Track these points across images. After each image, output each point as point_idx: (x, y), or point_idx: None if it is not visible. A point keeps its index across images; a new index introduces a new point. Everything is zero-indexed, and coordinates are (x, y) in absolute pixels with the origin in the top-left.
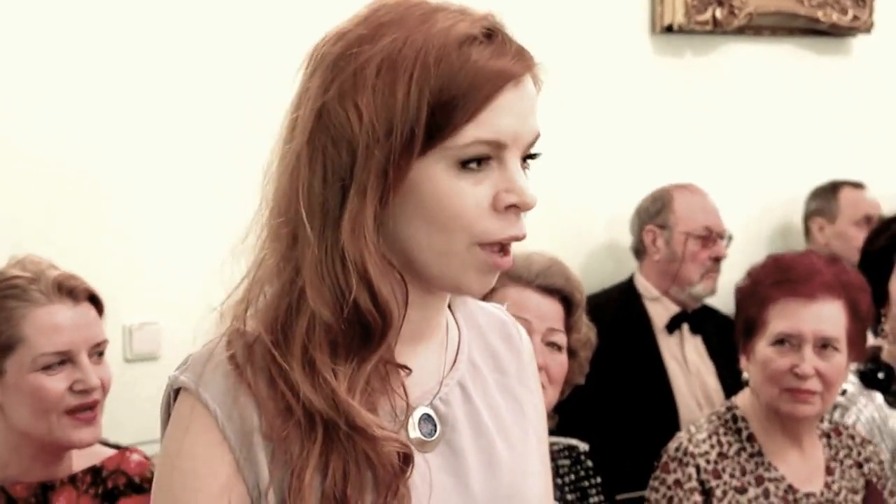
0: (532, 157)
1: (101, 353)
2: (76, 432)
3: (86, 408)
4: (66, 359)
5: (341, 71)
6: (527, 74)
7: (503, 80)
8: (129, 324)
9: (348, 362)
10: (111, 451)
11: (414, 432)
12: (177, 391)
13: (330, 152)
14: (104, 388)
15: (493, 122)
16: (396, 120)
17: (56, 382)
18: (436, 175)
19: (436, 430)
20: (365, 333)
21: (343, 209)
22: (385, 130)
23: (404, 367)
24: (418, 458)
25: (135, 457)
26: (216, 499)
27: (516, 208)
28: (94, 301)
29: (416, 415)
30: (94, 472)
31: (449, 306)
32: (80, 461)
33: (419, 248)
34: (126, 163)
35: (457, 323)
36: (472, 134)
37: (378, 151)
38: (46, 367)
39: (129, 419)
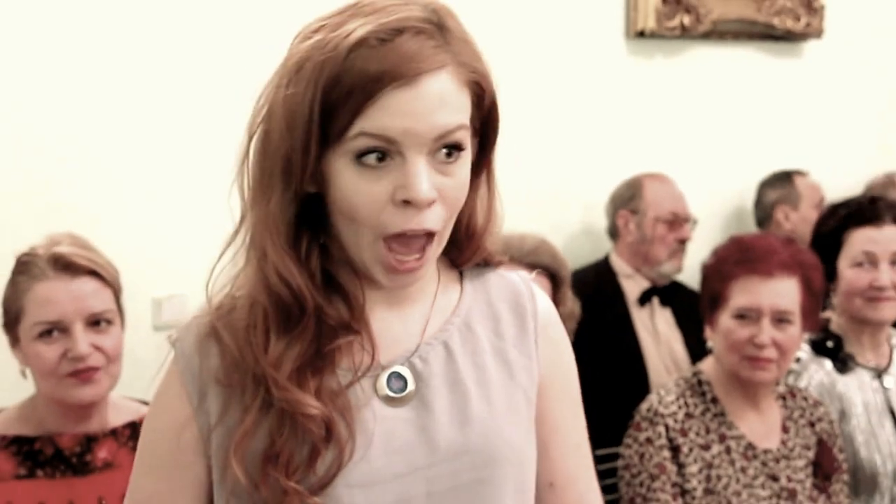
0: (455, 147)
1: (108, 321)
2: (76, 391)
3: (82, 372)
4: (59, 328)
5: (273, 82)
6: (423, 75)
7: (385, 82)
8: (159, 296)
9: (279, 341)
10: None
11: (382, 390)
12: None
13: (262, 155)
14: (107, 355)
15: (378, 119)
16: (297, 117)
17: (50, 351)
18: (340, 169)
19: (405, 388)
20: (285, 317)
21: (268, 207)
22: (288, 126)
23: (354, 330)
24: (380, 416)
25: None
26: (170, 437)
27: (411, 203)
28: (96, 273)
29: (385, 374)
30: (133, 426)
31: (461, 273)
32: (118, 417)
33: (343, 236)
34: (156, 151)
35: (463, 286)
36: (359, 127)
37: (282, 149)
38: (42, 336)
39: (158, 380)
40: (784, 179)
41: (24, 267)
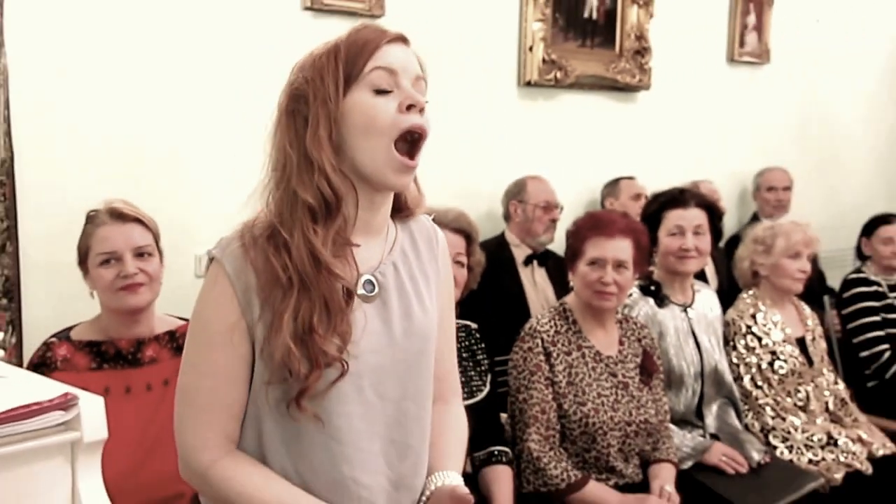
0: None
1: (149, 254)
2: (127, 299)
3: (131, 286)
4: (114, 258)
5: (295, 70)
6: (401, 41)
7: (382, 39)
8: (199, 253)
9: (321, 227)
10: (182, 322)
11: (360, 290)
12: (210, 261)
13: (296, 108)
14: (149, 275)
15: (384, 58)
16: (325, 73)
17: (109, 273)
18: (360, 99)
19: (374, 290)
20: (328, 208)
21: (305, 133)
22: (321, 80)
23: (355, 244)
24: (360, 308)
25: None
26: (227, 329)
27: (414, 107)
28: (140, 221)
29: (362, 279)
30: (171, 333)
31: (395, 221)
32: (161, 326)
33: (358, 152)
34: (197, 136)
35: (397, 229)
36: (371, 65)
37: (319, 94)
38: (103, 264)
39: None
40: (613, 182)
41: (91, 219)
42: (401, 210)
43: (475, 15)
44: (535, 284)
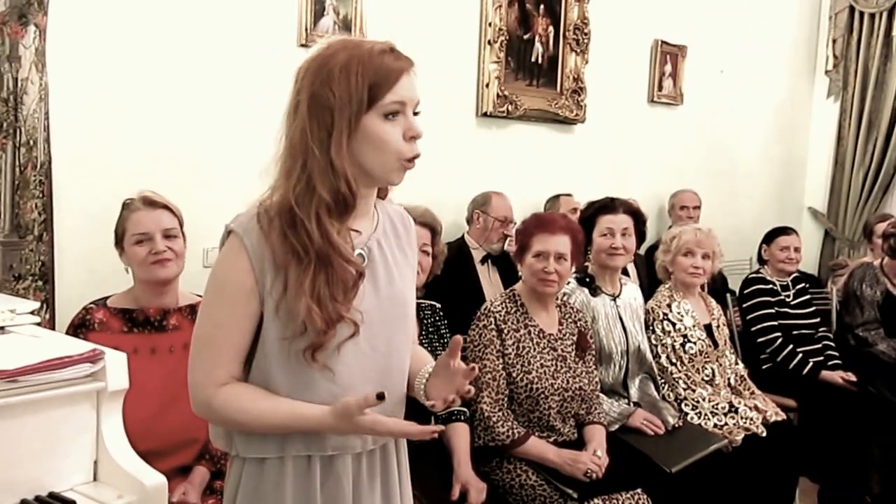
0: (416, 113)
1: (175, 236)
2: (157, 271)
3: (160, 260)
4: (146, 238)
5: (320, 74)
6: (411, 69)
7: (401, 72)
8: (206, 247)
9: (336, 220)
10: (200, 299)
11: None
12: (228, 233)
13: (321, 116)
14: (175, 252)
15: (399, 92)
16: (352, 94)
17: (142, 250)
18: (374, 122)
19: (364, 261)
20: (344, 206)
21: (330, 142)
22: (347, 100)
23: (356, 230)
24: None
25: None
26: (241, 291)
27: (414, 137)
28: (168, 208)
29: (355, 252)
30: (191, 306)
31: (376, 206)
32: (183, 300)
33: (368, 161)
34: (204, 150)
35: (378, 212)
36: (390, 98)
37: (345, 111)
38: (137, 242)
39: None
40: (554, 198)
41: (126, 206)
42: (378, 193)
43: (443, 57)
44: (490, 280)
